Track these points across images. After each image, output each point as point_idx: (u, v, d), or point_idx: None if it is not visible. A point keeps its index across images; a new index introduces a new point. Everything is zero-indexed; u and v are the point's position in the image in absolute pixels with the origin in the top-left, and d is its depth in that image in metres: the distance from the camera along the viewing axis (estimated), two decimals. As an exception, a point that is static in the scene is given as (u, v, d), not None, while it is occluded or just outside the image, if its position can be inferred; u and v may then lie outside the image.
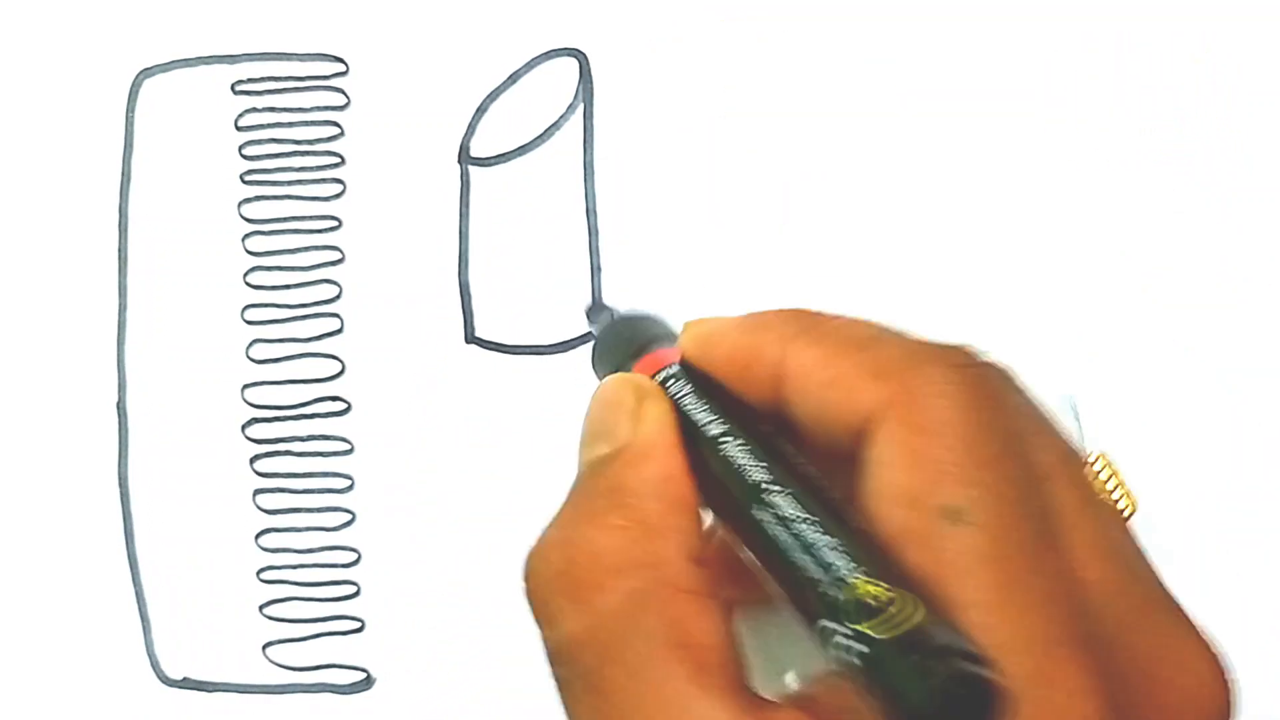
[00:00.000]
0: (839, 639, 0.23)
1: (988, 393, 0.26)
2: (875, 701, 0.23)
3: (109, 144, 0.46)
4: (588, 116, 0.45)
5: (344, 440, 0.45)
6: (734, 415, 0.28)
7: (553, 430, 0.44)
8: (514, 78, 0.45)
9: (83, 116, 0.46)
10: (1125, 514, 0.29)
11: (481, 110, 0.45)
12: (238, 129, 0.46)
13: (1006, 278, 0.44)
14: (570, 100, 0.45)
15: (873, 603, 0.23)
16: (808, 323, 0.28)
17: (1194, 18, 0.45)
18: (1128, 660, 0.25)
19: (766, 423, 0.28)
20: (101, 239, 0.45)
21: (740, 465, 0.27)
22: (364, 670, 0.44)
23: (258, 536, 0.45)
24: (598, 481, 0.29)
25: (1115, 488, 0.29)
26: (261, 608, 0.44)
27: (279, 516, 0.45)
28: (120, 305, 0.45)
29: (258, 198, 0.46)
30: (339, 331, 0.45)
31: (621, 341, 0.32)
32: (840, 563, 0.24)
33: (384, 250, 0.45)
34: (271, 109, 0.46)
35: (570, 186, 0.45)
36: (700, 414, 0.29)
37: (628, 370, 0.31)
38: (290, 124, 0.46)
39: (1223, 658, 0.26)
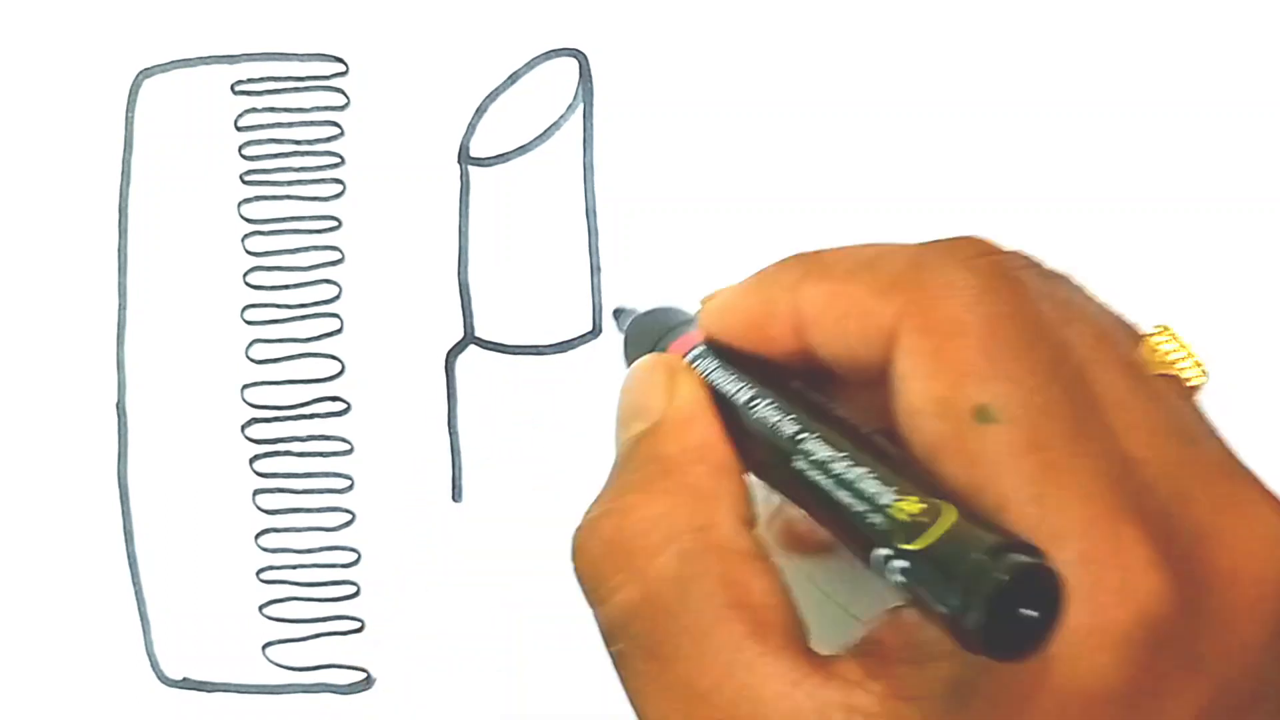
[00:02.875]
0: (890, 564, 0.23)
1: (1005, 282, 0.25)
2: (932, 619, 0.23)
3: (109, 144, 0.46)
4: (587, 116, 0.45)
5: (344, 440, 0.45)
6: (761, 378, 0.28)
7: (552, 430, 0.44)
8: (514, 78, 0.45)
9: (83, 116, 0.46)
10: (1191, 384, 0.28)
11: (481, 110, 0.45)
12: (237, 129, 0.46)
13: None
14: (570, 100, 0.45)
15: (907, 519, 0.23)
16: (810, 263, 0.28)
17: (1194, 18, 0.45)
18: (1187, 530, 0.24)
19: (797, 377, 0.28)
20: (101, 239, 0.45)
21: (774, 423, 0.27)
22: (364, 670, 0.44)
23: (257, 537, 0.45)
24: (639, 454, 0.28)
25: (1182, 359, 0.28)
26: (261, 608, 0.44)
27: (279, 517, 0.45)
28: (120, 305, 0.45)
29: (257, 198, 0.46)
30: (339, 331, 0.45)
31: (647, 335, 0.33)
32: (875, 489, 0.24)
33: (384, 250, 0.45)
34: (271, 109, 0.46)
35: (570, 186, 0.45)
36: (729, 384, 0.29)
37: None
38: (290, 124, 0.46)
39: None
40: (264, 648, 0.44)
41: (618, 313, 0.40)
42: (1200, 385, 0.29)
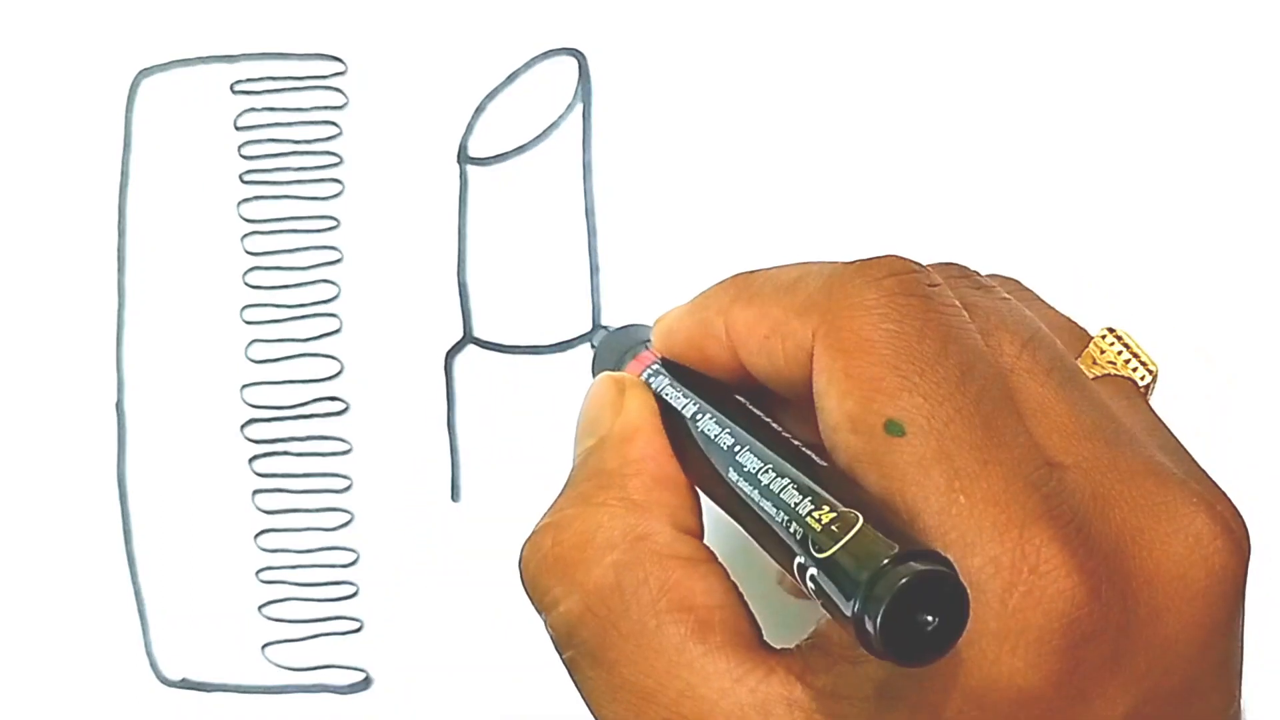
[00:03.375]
0: (806, 573, 0.24)
1: (913, 299, 0.26)
2: (842, 624, 0.23)
3: (108, 144, 0.46)
4: (586, 116, 0.45)
5: (342, 440, 0.45)
6: (708, 394, 0.30)
7: (551, 430, 0.44)
8: (513, 77, 0.45)
9: (82, 116, 0.46)
10: (1144, 383, 0.29)
11: (480, 110, 0.45)
12: (236, 129, 0.46)
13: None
14: (569, 100, 0.45)
15: (819, 529, 0.24)
16: (740, 286, 0.29)
17: (1194, 18, 0.45)
18: (1108, 533, 0.25)
19: (743, 393, 0.29)
20: (100, 239, 0.45)
21: (714, 435, 0.28)
22: (363, 670, 0.44)
23: (256, 537, 0.45)
24: (584, 469, 0.30)
25: (1129, 359, 0.29)
26: (260, 608, 0.44)
27: (277, 517, 0.45)
28: (119, 305, 0.45)
29: (256, 197, 0.46)
30: (337, 331, 0.45)
31: (612, 352, 0.34)
32: (794, 500, 0.25)
33: (382, 250, 0.45)
34: (270, 109, 0.46)
35: (569, 186, 0.45)
36: (677, 400, 0.30)
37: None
38: (289, 124, 0.46)
39: (1225, 517, 0.26)
40: (263, 648, 0.44)
41: (593, 331, 0.42)
42: (1151, 384, 0.29)
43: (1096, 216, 0.45)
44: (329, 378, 0.45)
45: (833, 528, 0.24)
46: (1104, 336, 0.29)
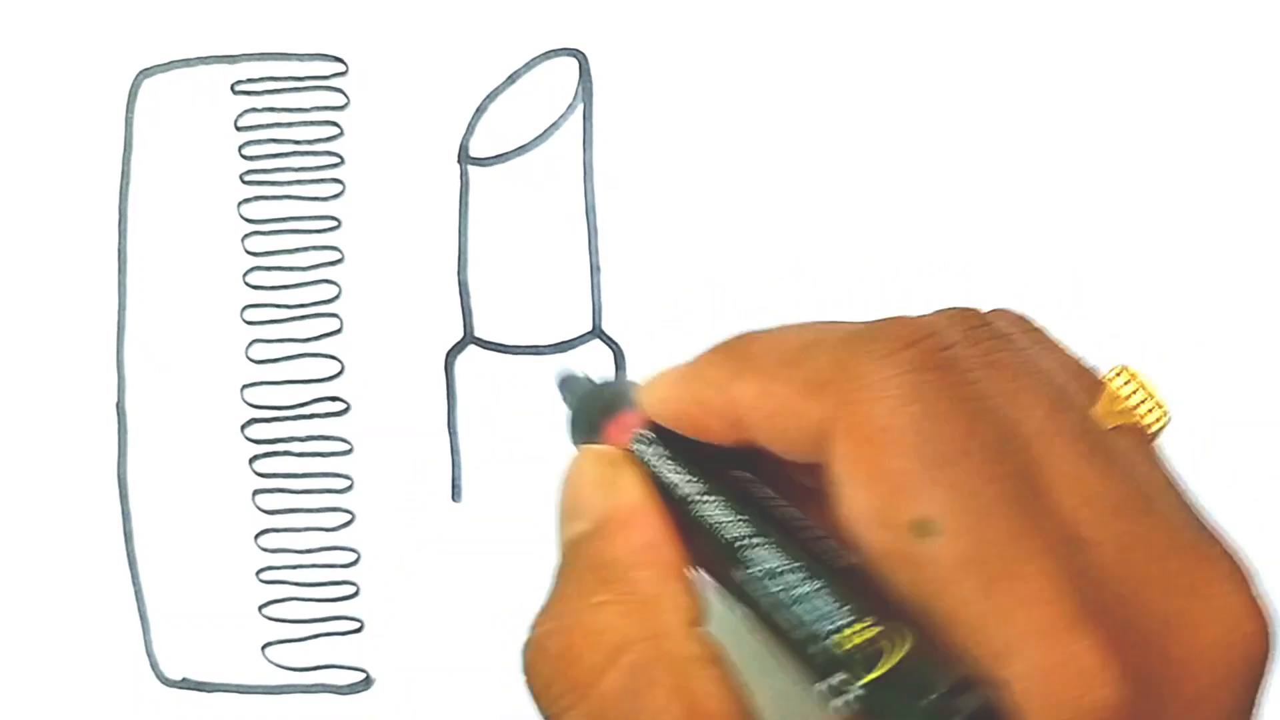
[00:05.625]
0: (841, 690, 0.23)
1: (934, 374, 0.25)
2: None
3: (108, 144, 0.46)
4: (587, 116, 0.45)
5: (343, 440, 0.45)
6: (706, 468, 0.28)
7: (551, 430, 0.44)
8: (513, 78, 0.45)
9: (82, 117, 0.46)
10: (1154, 429, 0.28)
11: (481, 110, 0.45)
12: (237, 129, 0.46)
13: (1014, 282, 0.44)
14: (570, 100, 0.45)
15: (861, 643, 0.23)
16: (740, 354, 0.28)
17: (1194, 18, 0.45)
18: (1144, 619, 0.24)
19: (744, 464, 0.28)
20: (101, 239, 0.45)
21: (717, 523, 0.27)
22: (363, 671, 0.44)
23: (257, 537, 0.45)
24: (581, 559, 0.28)
25: (1141, 401, 0.27)
26: (261, 608, 0.44)
27: (278, 517, 0.45)
28: (120, 305, 0.45)
29: (257, 198, 0.46)
30: (338, 331, 0.45)
31: (590, 408, 0.32)
32: (828, 608, 0.24)
33: (383, 250, 0.45)
34: (271, 109, 0.46)
35: (569, 186, 0.45)
36: (672, 475, 0.28)
37: (597, 437, 0.31)
38: (290, 124, 0.46)
39: (1259, 597, 0.25)
40: (263, 648, 0.44)
41: (564, 380, 0.37)
42: (1163, 427, 0.28)
43: (1097, 217, 0.45)
44: (329, 378, 0.45)
45: (873, 648, 0.23)
46: (1119, 374, 0.28)
